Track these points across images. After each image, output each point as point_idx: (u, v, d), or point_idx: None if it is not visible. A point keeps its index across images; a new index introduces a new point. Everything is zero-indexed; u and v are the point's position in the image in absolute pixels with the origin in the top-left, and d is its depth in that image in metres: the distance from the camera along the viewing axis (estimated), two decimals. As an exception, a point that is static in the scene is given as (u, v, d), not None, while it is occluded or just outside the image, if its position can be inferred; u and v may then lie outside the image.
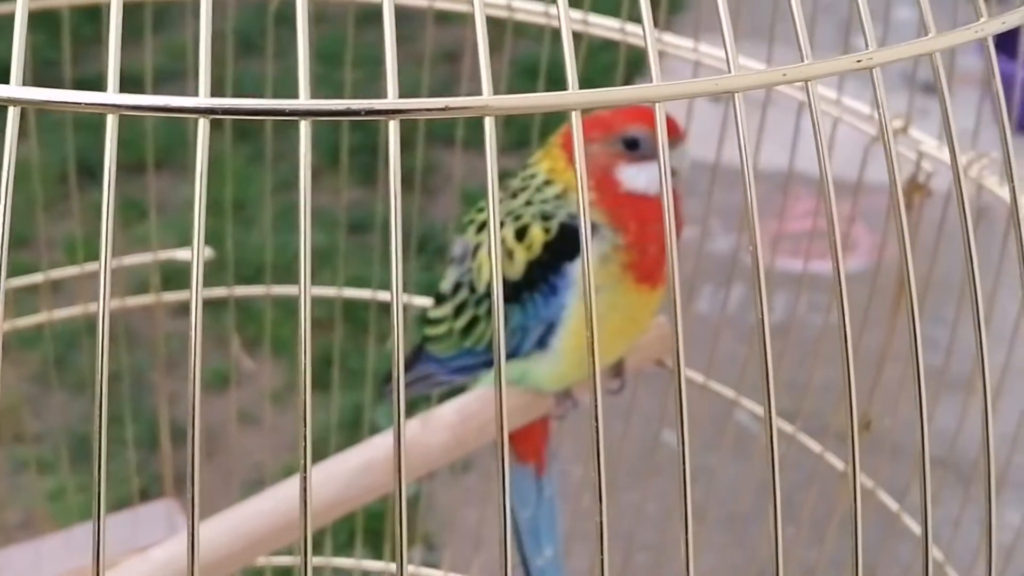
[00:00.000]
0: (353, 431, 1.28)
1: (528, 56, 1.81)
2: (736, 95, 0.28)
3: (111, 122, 0.28)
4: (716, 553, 1.02)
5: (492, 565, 0.93)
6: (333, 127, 0.79)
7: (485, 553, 0.85)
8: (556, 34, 0.81)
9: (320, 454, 1.03)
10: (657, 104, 0.28)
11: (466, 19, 0.78)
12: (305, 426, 0.26)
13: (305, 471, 0.25)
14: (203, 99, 0.27)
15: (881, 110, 0.29)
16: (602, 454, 0.24)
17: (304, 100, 0.27)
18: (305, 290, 0.27)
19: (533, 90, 0.83)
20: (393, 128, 0.27)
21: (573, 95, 0.29)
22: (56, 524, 1.26)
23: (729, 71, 0.28)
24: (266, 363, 1.28)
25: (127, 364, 1.14)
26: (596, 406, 0.24)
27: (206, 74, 0.27)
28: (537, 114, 0.84)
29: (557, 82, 0.91)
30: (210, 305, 1.20)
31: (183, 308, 0.87)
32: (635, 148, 0.66)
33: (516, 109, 0.29)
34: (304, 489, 0.25)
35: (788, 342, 0.77)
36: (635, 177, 0.66)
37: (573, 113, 0.29)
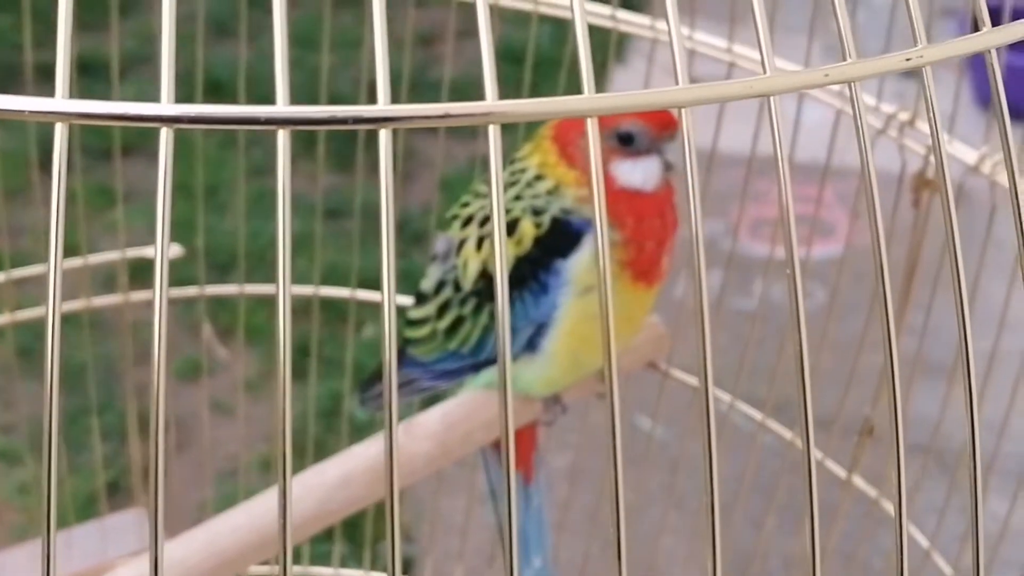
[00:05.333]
0: (331, 420, 1.27)
1: (509, 41, 1.80)
2: (772, 98, 0.26)
3: (60, 131, 0.25)
4: (696, 541, 1.01)
5: (474, 559, 0.93)
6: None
7: (466, 542, 0.84)
8: (541, 18, 0.79)
9: (298, 444, 1.02)
10: (684, 110, 0.26)
11: (447, 1, 0.76)
12: (284, 441, 0.24)
13: (284, 494, 0.24)
14: (167, 106, 0.24)
15: (931, 114, 0.27)
16: (621, 490, 0.23)
17: (282, 107, 0.25)
18: (284, 302, 0.25)
19: (519, 77, 0.81)
20: (385, 137, 0.25)
21: (589, 100, 0.26)
22: (24, 517, 1.24)
23: (764, 71, 0.26)
24: (240, 352, 1.27)
25: (96, 355, 1.12)
26: (615, 436, 0.22)
27: (170, 77, 0.24)
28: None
29: (542, 67, 0.88)
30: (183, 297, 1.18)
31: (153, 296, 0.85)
32: (629, 143, 0.64)
33: (524, 116, 0.26)
34: (284, 506, 0.23)
35: (767, 329, 0.76)
36: (630, 172, 0.64)
37: (589, 120, 0.26)
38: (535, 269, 0.64)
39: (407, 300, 0.72)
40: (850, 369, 0.71)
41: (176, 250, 0.74)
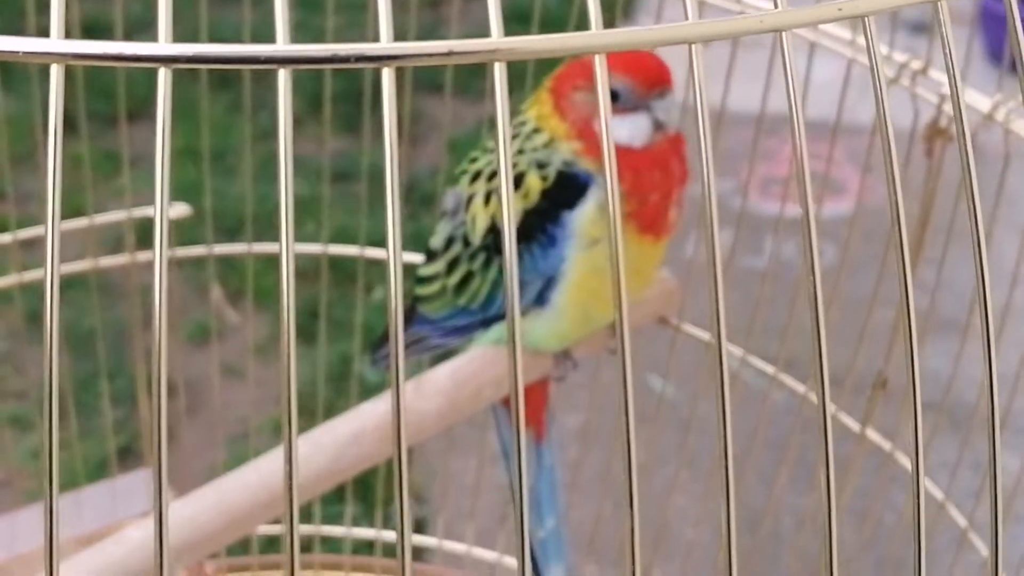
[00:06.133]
0: (340, 383, 1.27)
1: (517, 2, 1.79)
2: (784, 34, 0.25)
3: (56, 73, 0.24)
4: (708, 500, 1.01)
5: (485, 519, 0.93)
6: (315, 73, 0.75)
7: (478, 502, 0.84)
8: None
9: (307, 408, 1.02)
10: (693, 45, 0.25)
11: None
12: (289, 400, 0.24)
13: (290, 451, 0.24)
14: (164, 46, 0.24)
15: (947, 49, 0.26)
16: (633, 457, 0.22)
17: (283, 45, 0.24)
18: (287, 249, 0.24)
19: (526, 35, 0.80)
20: (388, 76, 0.24)
21: (598, 36, 0.25)
22: (37, 483, 1.24)
23: (776, 6, 0.25)
24: (249, 315, 1.27)
25: (105, 320, 1.12)
26: (626, 390, 0.22)
27: (167, 16, 0.24)
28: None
29: (549, 26, 0.88)
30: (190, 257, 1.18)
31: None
32: (616, 100, 0.63)
33: (531, 54, 0.25)
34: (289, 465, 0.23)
35: (777, 287, 0.75)
36: (616, 128, 0.63)
37: (597, 57, 0.25)
38: (542, 222, 0.64)
39: (418, 258, 0.72)
40: (862, 324, 0.70)
41: (183, 209, 0.74)
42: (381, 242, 0.87)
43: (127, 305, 0.87)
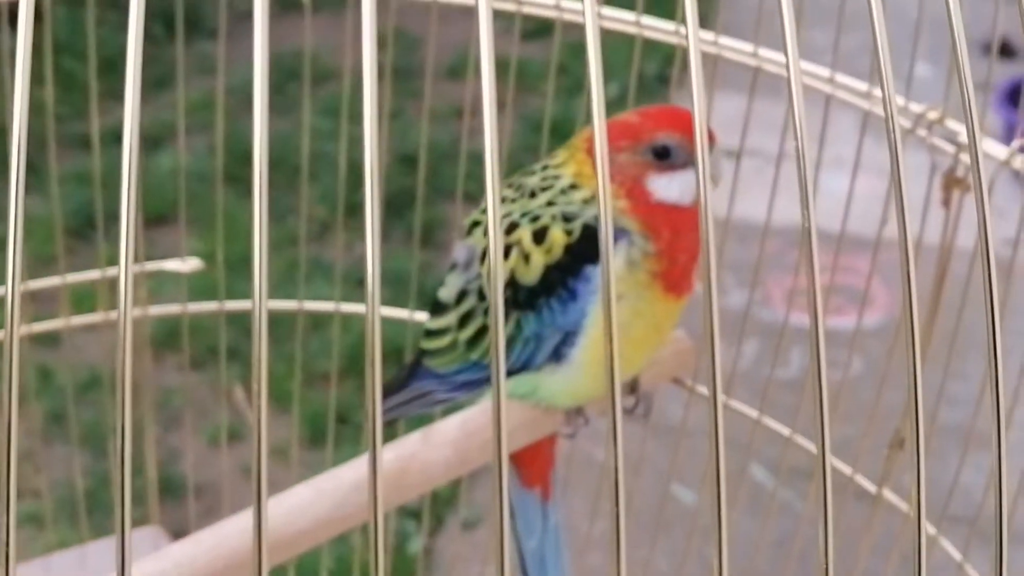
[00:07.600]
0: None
1: (536, 113, 1.81)
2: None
3: None
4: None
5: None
6: (348, 183, 0.76)
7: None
8: (563, 91, 0.79)
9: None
10: None
11: (475, 73, 0.77)
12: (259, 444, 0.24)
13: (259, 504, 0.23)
14: None
15: (964, 86, 0.26)
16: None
17: None
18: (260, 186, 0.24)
19: (539, 144, 0.80)
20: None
21: None
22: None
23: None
24: (267, 418, 1.27)
25: (122, 419, 1.12)
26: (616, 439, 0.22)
27: None
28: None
29: (564, 136, 0.89)
30: (211, 357, 1.18)
31: (183, 362, 0.85)
32: (665, 157, 0.63)
33: None
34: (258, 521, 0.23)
35: (804, 398, 0.74)
36: (667, 187, 0.63)
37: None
38: (564, 276, 0.63)
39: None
40: (879, 381, 0.69)
41: (195, 263, 0.75)
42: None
43: (149, 406, 0.87)
